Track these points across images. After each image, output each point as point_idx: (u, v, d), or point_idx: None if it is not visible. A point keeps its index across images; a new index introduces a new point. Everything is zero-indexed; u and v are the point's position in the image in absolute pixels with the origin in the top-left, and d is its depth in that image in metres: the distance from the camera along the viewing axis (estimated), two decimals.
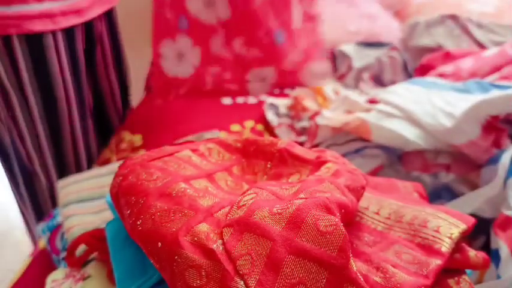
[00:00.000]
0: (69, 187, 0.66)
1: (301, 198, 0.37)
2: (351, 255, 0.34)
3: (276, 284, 0.33)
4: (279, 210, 0.36)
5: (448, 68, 0.90)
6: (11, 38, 0.75)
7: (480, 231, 0.59)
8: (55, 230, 0.64)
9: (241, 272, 0.33)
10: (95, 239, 0.48)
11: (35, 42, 0.77)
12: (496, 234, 0.54)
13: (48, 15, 0.77)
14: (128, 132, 0.98)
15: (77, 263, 0.49)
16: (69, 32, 0.83)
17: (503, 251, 0.52)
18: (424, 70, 0.93)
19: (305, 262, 0.33)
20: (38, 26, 0.76)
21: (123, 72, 1.07)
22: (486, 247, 0.58)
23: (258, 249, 0.34)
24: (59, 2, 0.78)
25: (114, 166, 0.69)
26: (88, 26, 0.89)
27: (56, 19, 0.79)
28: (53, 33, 0.79)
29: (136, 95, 1.24)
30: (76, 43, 0.85)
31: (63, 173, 0.89)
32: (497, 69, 0.82)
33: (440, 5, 1.17)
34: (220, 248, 0.35)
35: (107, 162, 0.90)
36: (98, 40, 0.94)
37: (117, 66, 1.03)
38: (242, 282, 0.33)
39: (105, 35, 0.96)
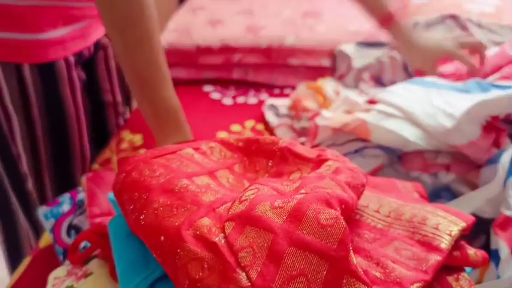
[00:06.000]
0: None
1: (302, 193, 0.37)
2: (351, 248, 0.34)
3: (277, 276, 0.33)
4: (280, 204, 0.36)
5: (448, 68, 0.90)
6: (21, 66, 0.74)
7: (480, 231, 0.59)
8: (61, 218, 0.64)
9: (242, 264, 0.33)
10: (97, 235, 0.48)
11: (46, 69, 0.77)
12: (495, 234, 0.54)
13: (58, 43, 0.77)
14: (128, 132, 0.98)
15: (79, 261, 0.49)
16: (80, 54, 0.83)
17: (503, 251, 0.52)
18: None
19: (306, 254, 0.34)
20: (50, 55, 0.76)
21: (124, 81, 1.06)
22: (486, 247, 0.58)
23: (259, 241, 0.34)
24: (68, 28, 0.78)
25: None
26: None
27: (66, 45, 0.79)
28: (65, 59, 0.79)
29: None
30: (82, 67, 0.85)
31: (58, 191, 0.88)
32: (497, 69, 0.82)
33: (440, 5, 1.17)
34: (222, 241, 0.35)
35: (107, 162, 0.90)
36: (103, 56, 0.93)
37: (120, 76, 1.02)
38: (244, 274, 0.33)
39: (109, 48, 0.95)
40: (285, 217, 0.35)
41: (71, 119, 0.84)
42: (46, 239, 0.68)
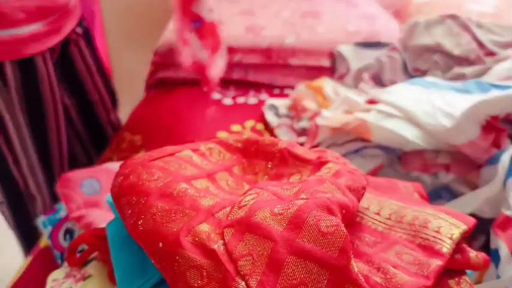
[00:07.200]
0: None
1: (302, 199, 0.37)
2: (352, 255, 0.34)
3: (277, 285, 0.33)
4: (280, 211, 0.36)
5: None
6: (3, 64, 0.74)
7: (480, 231, 0.59)
8: (58, 224, 0.64)
9: (242, 273, 0.33)
10: (95, 238, 0.48)
11: (25, 66, 0.77)
12: (495, 234, 0.54)
13: (35, 38, 0.77)
14: (128, 133, 0.98)
15: (78, 263, 0.49)
16: (52, 51, 0.83)
17: (503, 251, 0.52)
18: None
19: (306, 263, 0.33)
20: (28, 50, 0.76)
21: (106, 77, 1.06)
22: (486, 247, 0.58)
23: (259, 249, 0.34)
24: (42, 22, 0.78)
25: None
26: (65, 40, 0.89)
27: (42, 40, 0.78)
28: (42, 54, 0.79)
29: (137, 95, 1.24)
30: (57, 61, 0.85)
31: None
32: None
33: (440, 5, 1.17)
34: (222, 249, 0.35)
35: (107, 161, 0.90)
36: (77, 53, 0.93)
37: (100, 73, 1.02)
38: (243, 283, 0.33)
39: (83, 45, 0.95)
40: (285, 224, 0.35)
41: (50, 117, 0.84)
42: (46, 239, 0.68)
